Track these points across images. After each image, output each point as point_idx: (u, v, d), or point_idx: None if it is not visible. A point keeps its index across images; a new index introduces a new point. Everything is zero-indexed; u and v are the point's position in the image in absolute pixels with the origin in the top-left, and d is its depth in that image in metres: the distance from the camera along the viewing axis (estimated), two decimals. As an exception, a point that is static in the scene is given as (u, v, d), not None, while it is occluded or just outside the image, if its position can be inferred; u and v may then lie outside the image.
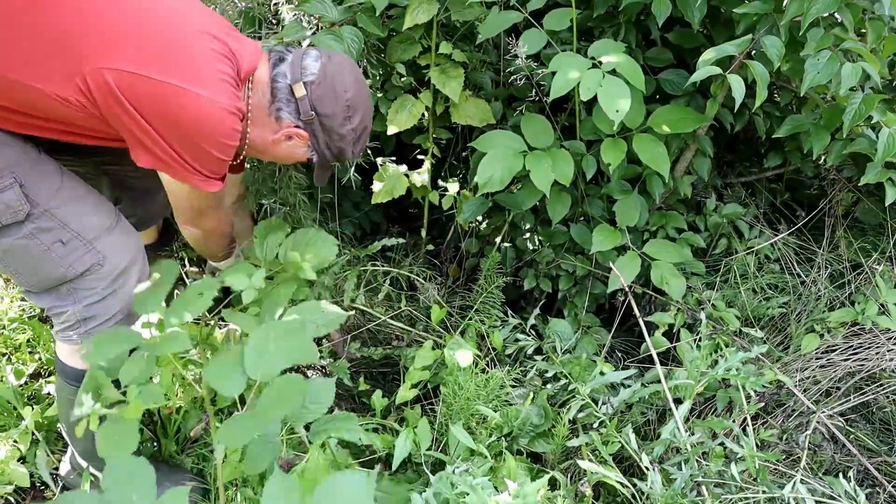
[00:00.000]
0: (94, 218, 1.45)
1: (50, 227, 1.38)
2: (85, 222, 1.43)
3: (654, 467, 1.49)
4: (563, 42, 1.93)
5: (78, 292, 1.46)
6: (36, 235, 1.37)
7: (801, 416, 1.89)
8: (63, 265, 1.41)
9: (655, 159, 1.78)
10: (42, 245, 1.38)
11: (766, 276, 2.23)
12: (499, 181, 1.82)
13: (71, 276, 1.43)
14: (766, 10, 1.51)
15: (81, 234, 1.41)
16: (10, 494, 1.75)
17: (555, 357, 1.90)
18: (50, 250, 1.39)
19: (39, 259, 1.39)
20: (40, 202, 1.36)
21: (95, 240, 1.44)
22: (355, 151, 1.59)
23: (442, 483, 1.26)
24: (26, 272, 1.42)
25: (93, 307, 1.48)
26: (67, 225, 1.40)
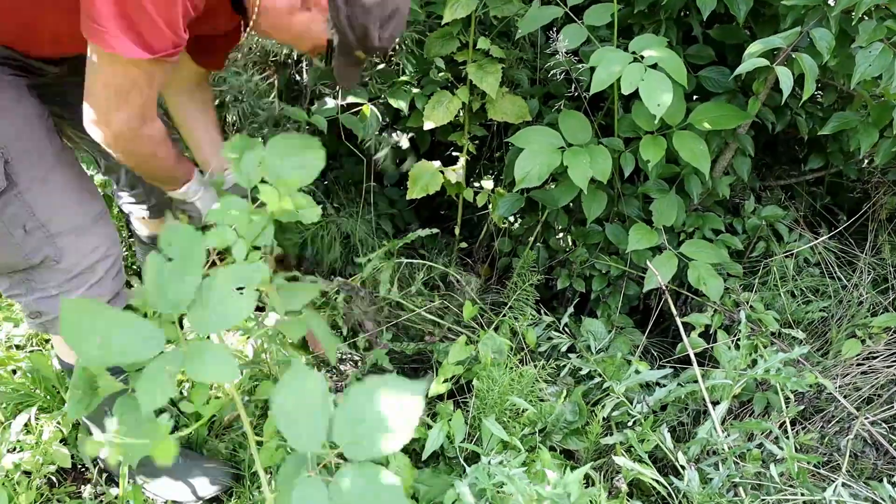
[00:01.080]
0: (69, 213, 1.39)
1: (16, 211, 1.32)
2: (55, 215, 1.37)
3: (690, 466, 1.47)
4: (602, 39, 1.92)
5: (31, 283, 1.42)
6: (1, 214, 1.31)
7: (841, 422, 1.85)
8: (20, 252, 1.36)
9: (696, 156, 1.76)
10: (4, 227, 1.33)
11: (805, 280, 2.19)
12: (536, 176, 1.82)
13: (24, 265, 1.39)
14: (816, 2, 1.48)
15: (47, 225, 1.36)
16: (52, 474, 1.78)
17: (588, 356, 1.89)
18: (11, 234, 1.33)
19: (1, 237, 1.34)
20: (19, 183, 1.31)
21: (59, 235, 1.38)
22: (383, 37, 1.35)
23: (478, 473, 1.25)
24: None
25: (43, 302, 1.44)
26: (35, 213, 1.34)
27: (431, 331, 2.16)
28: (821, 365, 1.99)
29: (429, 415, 1.90)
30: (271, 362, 1.85)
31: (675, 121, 1.82)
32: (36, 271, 1.40)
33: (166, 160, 1.41)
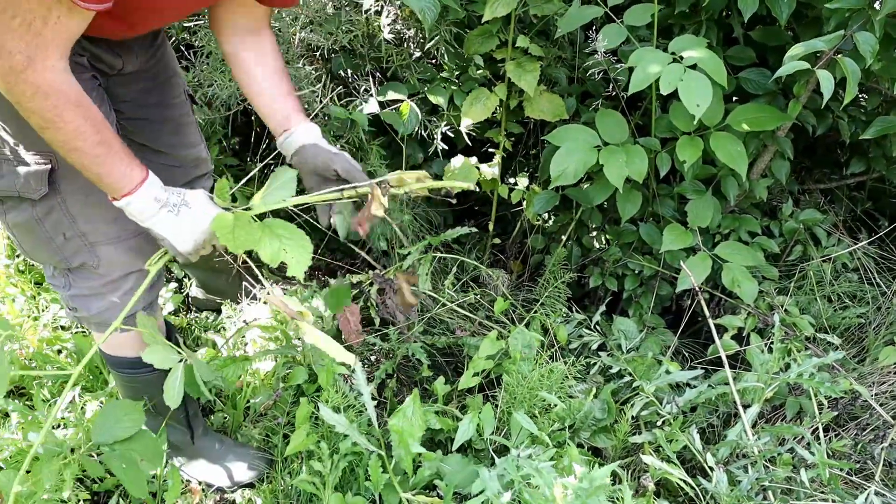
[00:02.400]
0: (109, 226, 1.40)
1: (59, 218, 1.36)
2: (95, 226, 1.39)
3: (719, 468, 1.47)
4: (641, 39, 1.92)
5: (70, 279, 1.47)
6: (43, 221, 1.36)
7: (876, 430, 1.83)
8: (60, 255, 1.41)
9: (733, 158, 1.76)
10: (46, 231, 1.37)
11: (843, 285, 2.16)
12: (572, 174, 1.83)
13: (63, 266, 1.44)
14: (861, 6, 1.47)
15: (86, 234, 1.39)
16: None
17: (619, 354, 1.89)
18: (52, 239, 1.38)
19: (41, 241, 1.39)
20: (62, 191, 1.34)
21: (97, 245, 1.41)
22: None
23: (507, 465, 1.27)
24: (28, 248, 1.43)
25: (76, 299, 1.48)
26: (76, 222, 1.38)
27: (462, 325, 2.18)
28: (857, 371, 1.97)
29: (458, 407, 1.93)
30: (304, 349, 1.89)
31: (713, 122, 1.82)
32: (74, 272, 1.45)
33: (74, 135, 1.17)
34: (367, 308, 2.16)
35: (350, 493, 1.65)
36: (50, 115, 1.13)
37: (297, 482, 1.63)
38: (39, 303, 2.30)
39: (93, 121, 1.18)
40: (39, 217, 1.35)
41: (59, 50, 1.10)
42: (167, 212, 1.29)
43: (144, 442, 1.40)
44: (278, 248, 1.23)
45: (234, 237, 1.21)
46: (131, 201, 1.26)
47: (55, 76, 1.11)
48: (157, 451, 1.42)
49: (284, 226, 1.27)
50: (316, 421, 1.75)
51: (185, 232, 1.30)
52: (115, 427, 1.37)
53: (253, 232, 1.24)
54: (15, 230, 1.40)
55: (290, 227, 1.27)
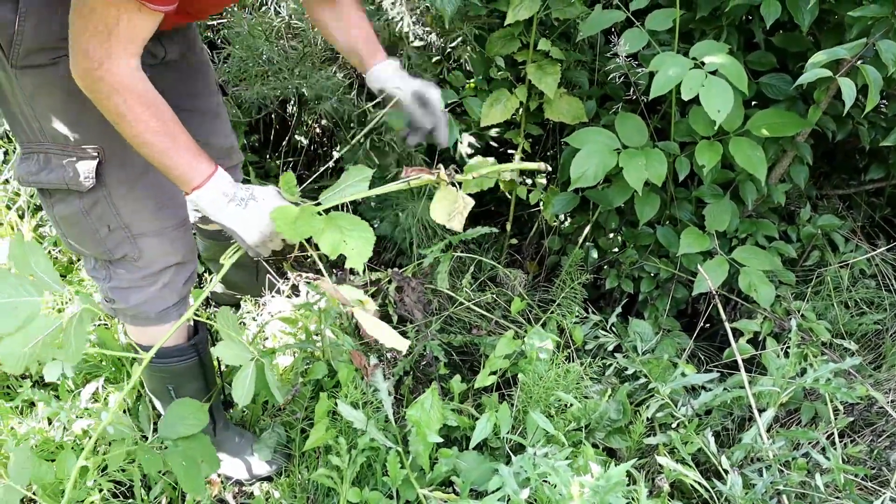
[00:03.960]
0: (151, 219, 1.46)
1: (103, 211, 1.41)
2: (139, 219, 1.44)
3: (734, 471, 1.49)
4: (662, 43, 1.93)
5: (109, 272, 1.52)
6: (89, 213, 1.40)
7: (892, 436, 1.83)
8: (102, 246, 1.46)
9: (752, 163, 1.77)
10: (91, 223, 1.42)
11: (860, 291, 2.16)
12: (592, 177, 1.84)
13: (105, 257, 1.48)
14: (884, 14, 1.47)
15: (129, 226, 1.44)
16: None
17: (635, 356, 1.91)
18: (97, 230, 1.43)
19: (85, 233, 1.44)
20: (108, 184, 1.39)
21: (140, 237, 1.46)
22: None
23: (524, 463, 1.29)
24: (73, 239, 1.48)
25: (115, 291, 1.53)
26: (119, 214, 1.42)
27: (479, 324, 2.20)
28: (873, 378, 1.97)
29: (474, 406, 1.95)
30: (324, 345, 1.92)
31: (733, 126, 1.83)
32: (115, 264, 1.50)
33: (143, 129, 1.22)
34: (385, 305, 2.19)
35: (367, 487, 1.67)
36: (122, 111, 1.19)
37: (316, 476, 1.66)
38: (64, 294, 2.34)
39: (161, 117, 1.24)
40: (86, 209, 1.39)
41: (130, 49, 1.16)
42: (235, 205, 1.31)
43: (204, 443, 1.44)
44: (339, 239, 1.25)
45: (294, 227, 1.23)
46: (201, 195, 1.30)
47: (127, 74, 1.18)
48: (214, 455, 1.47)
49: (348, 218, 1.29)
50: (334, 416, 1.78)
51: (251, 225, 1.32)
52: (179, 424, 1.41)
53: (315, 224, 1.26)
54: (61, 222, 1.44)
55: (354, 218, 1.29)
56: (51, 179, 1.35)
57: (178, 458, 1.46)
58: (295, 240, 1.25)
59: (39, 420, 1.93)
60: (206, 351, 1.72)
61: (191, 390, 1.67)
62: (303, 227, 1.25)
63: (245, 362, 1.38)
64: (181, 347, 1.64)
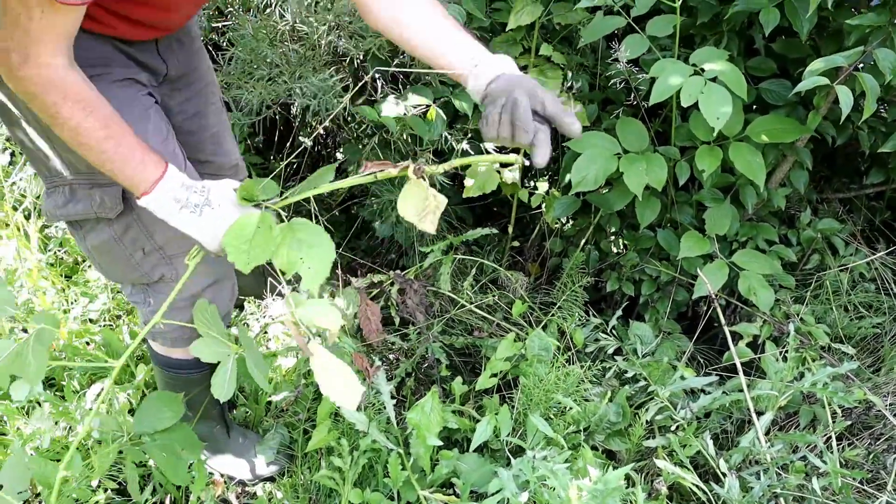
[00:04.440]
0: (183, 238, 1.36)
1: (136, 235, 1.39)
2: (171, 239, 1.40)
3: (732, 474, 1.50)
4: (663, 48, 1.95)
5: (149, 295, 1.50)
6: (121, 238, 1.38)
7: (889, 440, 1.84)
8: (139, 270, 1.44)
9: (751, 168, 1.78)
10: (125, 249, 1.40)
11: (859, 295, 2.18)
12: (592, 181, 1.86)
13: (143, 281, 1.47)
14: (881, 23, 1.49)
15: (164, 247, 1.42)
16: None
17: (634, 359, 1.92)
18: (131, 255, 1.41)
19: (120, 260, 1.42)
20: (136, 208, 1.34)
21: (175, 257, 1.44)
22: None
23: (523, 466, 1.31)
24: (107, 267, 1.47)
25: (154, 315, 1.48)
26: (153, 236, 1.40)
27: (480, 326, 2.22)
28: (871, 382, 1.98)
29: (475, 408, 1.97)
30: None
31: (733, 132, 1.84)
32: (153, 287, 1.49)
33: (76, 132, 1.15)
34: (387, 307, 2.21)
35: (368, 489, 1.69)
36: (51, 112, 1.12)
37: (318, 477, 1.68)
38: (69, 296, 2.37)
39: (98, 116, 1.15)
40: (118, 235, 1.38)
41: (52, 45, 1.08)
42: (189, 212, 1.23)
43: (183, 432, 1.44)
44: (295, 256, 1.14)
45: (248, 254, 1.13)
46: (149, 201, 1.22)
47: (50, 72, 1.10)
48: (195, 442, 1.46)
49: (308, 228, 1.16)
50: (336, 418, 1.79)
51: (208, 234, 1.24)
52: (155, 418, 1.40)
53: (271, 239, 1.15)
54: (94, 252, 1.43)
55: (315, 229, 1.16)
56: (78, 210, 1.34)
57: (159, 451, 1.45)
58: (246, 270, 1.13)
59: (45, 420, 1.95)
60: None
61: (202, 396, 1.70)
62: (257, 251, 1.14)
63: (224, 358, 1.30)
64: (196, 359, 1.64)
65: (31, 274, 2.35)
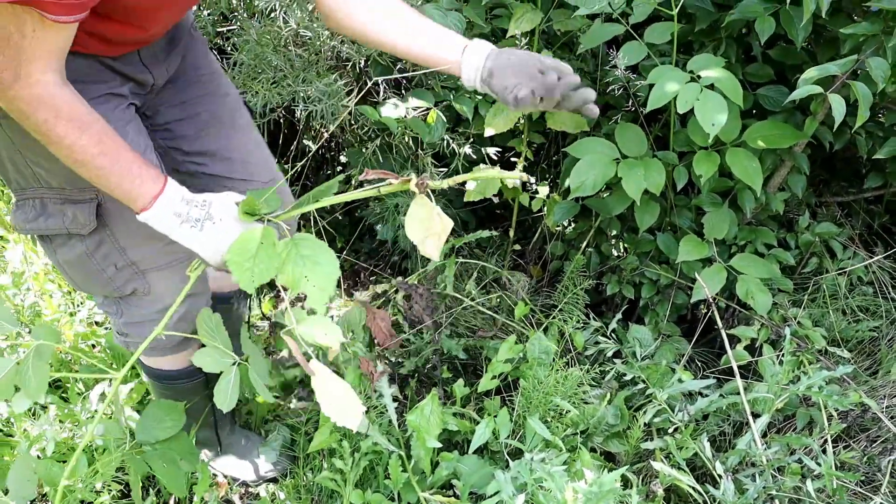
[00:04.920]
0: (160, 254, 1.41)
1: (108, 251, 1.37)
2: (144, 255, 1.40)
3: (727, 476, 1.52)
4: (662, 54, 1.97)
5: (121, 307, 1.49)
6: (93, 254, 1.37)
7: (885, 442, 1.86)
8: (111, 285, 1.43)
9: (748, 174, 1.80)
10: (97, 264, 1.39)
11: (857, 299, 2.19)
12: (591, 186, 1.88)
13: (115, 294, 1.46)
14: (874, 32, 1.50)
15: (137, 263, 1.40)
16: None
17: (634, 362, 1.94)
18: (103, 270, 1.40)
19: (92, 274, 1.41)
20: (110, 223, 1.34)
21: (148, 272, 1.42)
22: None
23: (521, 468, 1.33)
24: (79, 281, 1.45)
25: (130, 326, 1.51)
26: (125, 252, 1.38)
27: (483, 327, 2.24)
28: (868, 384, 2.00)
29: (476, 410, 1.99)
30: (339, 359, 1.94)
31: (730, 138, 1.86)
32: (125, 300, 1.48)
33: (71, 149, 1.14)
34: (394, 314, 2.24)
35: (370, 490, 1.72)
36: (44, 130, 1.12)
37: (319, 479, 1.71)
38: (75, 299, 2.40)
39: (91, 133, 1.14)
40: (90, 251, 1.36)
41: (44, 63, 1.07)
42: (189, 227, 1.22)
43: (182, 442, 1.44)
44: (299, 274, 1.13)
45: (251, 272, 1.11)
46: (149, 217, 1.21)
47: (42, 90, 1.09)
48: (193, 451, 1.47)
49: (312, 244, 1.16)
50: (338, 420, 1.82)
51: (209, 249, 1.23)
52: (156, 427, 1.41)
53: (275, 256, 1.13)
54: (66, 266, 1.41)
55: (319, 245, 1.16)
56: (49, 225, 1.32)
57: (159, 461, 1.46)
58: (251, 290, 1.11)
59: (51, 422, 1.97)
60: None
61: (199, 404, 1.72)
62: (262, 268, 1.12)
63: (226, 367, 1.29)
64: (190, 370, 1.65)
65: (37, 277, 2.38)
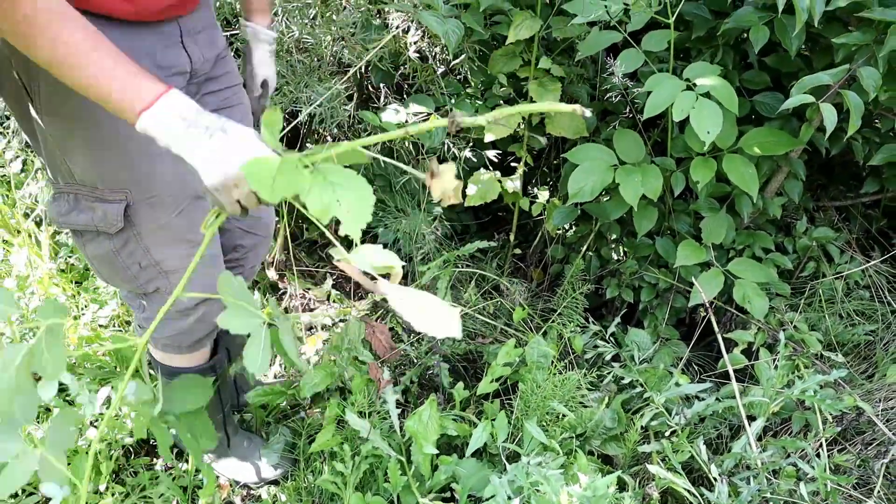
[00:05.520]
0: (183, 255, 1.43)
1: (133, 250, 1.39)
2: (170, 256, 1.42)
3: (722, 479, 1.54)
4: (660, 60, 1.99)
5: (143, 304, 1.52)
6: (119, 252, 1.39)
7: (880, 444, 1.88)
8: (135, 282, 1.45)
9: (744, 180, 1.82)
10: (122, 262, 1.41)
11: (853, 303, 2.21)
12: (589, 192, 1.90)
13: (139, 291, 1.49)
14: (866, 42, 1.52)
15: (160, 263, 1.43)
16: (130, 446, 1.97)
17: (632, 365, 1.96)
18: (128, 268, 1.42)
19: (118, 270, 1.43)
20: (137, 224, 1.36)
21: (172, 272, 1.45)
22: None
23: (518, 471, 1.35)
24: (106, 276, 1.46)
25: (150, 322, 1.50)
26: (150, 252, 1.40)
27: (483, 332, 2.26)
28: (864, 388, 2.02)
29: (476, 413, 2.01)
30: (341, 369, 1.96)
31: (726, 144, 1.88)
32: (149, 296, 1.52)
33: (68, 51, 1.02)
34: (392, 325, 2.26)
35: (370, 493, 1.74)
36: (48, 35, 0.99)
37: (320, 481, 1.73)
38: (80, 302, 2.42)
39: (90, 33, 1.03)
40: (116, 249, 1.39)
41: None
42: (197, 133, 1.04)
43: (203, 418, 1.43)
44: (331, 198, 0.97)
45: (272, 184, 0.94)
46: (150, 120, 1.03)
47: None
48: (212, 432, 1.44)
49: (341, 172, 1.00)
50: (340, 423, 1.84)
51: (213, 162, 1.04)
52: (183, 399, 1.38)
53: (298, 179, 0.96)
54: (94, 261, 1.45)
55: (348, 172, 1.01)
56: (80, 221, 1.35)
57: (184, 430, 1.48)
58: (273, 200, 0.95)
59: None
60: (223, 369, 1.77)
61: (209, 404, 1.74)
62: (283, 183, 0.95)
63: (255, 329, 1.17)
64: (202, 368, 1.69)
65: (41, 281, 2.40)
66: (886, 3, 1.48)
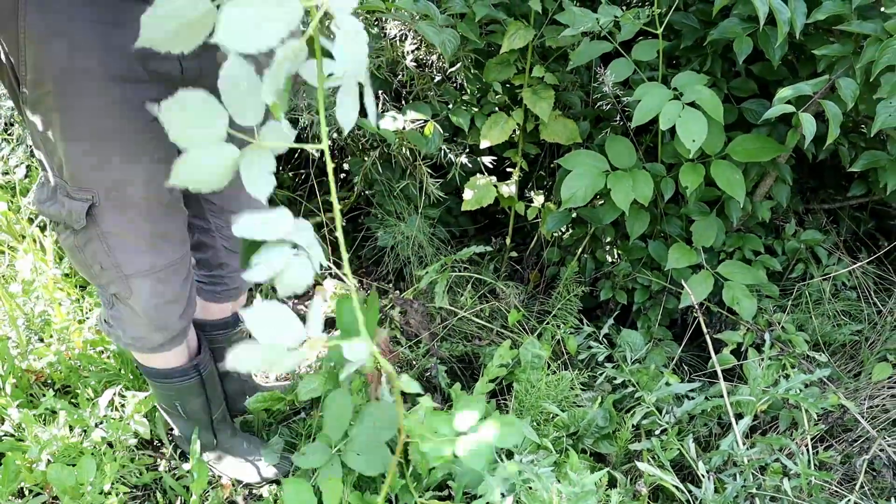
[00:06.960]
0: (145, 259, 1.44)
1: (96, 249, 1.41)
2: (131, 259, 1.43)
3: (709, 476, 1.59)
4: (651, 68, 2.04)
5: (108, 299, 1.55)
6: (83, 249, 1.41)
7: (865, 441, 1.93)
8: (97, 281, 1.48)
9: (732, 185, 1.87)
10: (85, 259, 1.43)
11: (840, 303, 2.26)
12: (582, 197, 1.95)
13: (103, 291, 1.52)
14: (845, 53, 1.58)
15: (121, 266, 1.43)
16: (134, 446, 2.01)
17: (624, 365, 2.01)
18: (90, 266, 1.44)
19: (82, 266, 1.46)
20: (100, 224, 1.37)
21: (131, 277, 1.45)
22: None
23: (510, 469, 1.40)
24: (75, 266, 1.50)
25: (114, 320, 1.57)
26: (112, 254, 1.41)
27: (479, 334, 2.31)
28: (851, 386, 2.07)
29: (472, 413, 2.06)
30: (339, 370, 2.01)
31: (714, 151, 1.93)
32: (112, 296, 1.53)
33: None
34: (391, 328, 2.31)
35: (368, 492, 1.79)
36: None
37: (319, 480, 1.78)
38: (84, 306, 2.47)
39: None
40: (80, 245, 1.42)
41: None
42: None
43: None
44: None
45: None
46: None
47: None
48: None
49: None
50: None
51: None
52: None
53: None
54: (66, 250, 1.48)
55: None
56: (51, 212, 1.38)
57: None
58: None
59: (61, 427, 2.05)
60: (207, 368, 1.79)
61: (196, 405, 1.78)
62: None
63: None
64: (183, 368, 1.72)
65: (46, 287, 2.45)
66: (864, 17, 1.53)
